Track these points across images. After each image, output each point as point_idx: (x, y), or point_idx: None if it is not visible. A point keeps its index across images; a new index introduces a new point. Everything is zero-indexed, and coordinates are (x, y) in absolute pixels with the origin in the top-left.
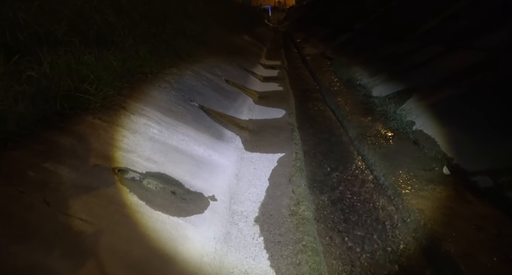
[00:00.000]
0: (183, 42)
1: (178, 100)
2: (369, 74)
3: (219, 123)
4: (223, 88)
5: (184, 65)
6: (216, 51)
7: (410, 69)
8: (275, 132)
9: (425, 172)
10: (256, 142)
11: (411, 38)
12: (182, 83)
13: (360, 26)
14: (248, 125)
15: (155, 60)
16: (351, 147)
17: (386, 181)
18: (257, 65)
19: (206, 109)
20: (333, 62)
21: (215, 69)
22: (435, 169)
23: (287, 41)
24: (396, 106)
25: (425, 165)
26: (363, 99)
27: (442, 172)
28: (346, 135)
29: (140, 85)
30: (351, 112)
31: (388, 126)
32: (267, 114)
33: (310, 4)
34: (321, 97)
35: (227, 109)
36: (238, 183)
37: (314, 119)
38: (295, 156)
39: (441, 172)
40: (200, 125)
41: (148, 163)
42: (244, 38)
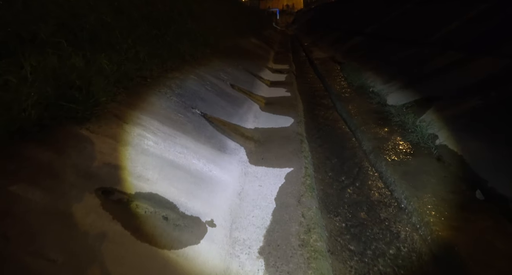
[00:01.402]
0: (187, 44)
1: (179, 107)
2: (383, 81)
3: (221, 133)
4: (227, 94)
5: (188, 68)
6: (222, 54)
7: (428, 76)
8: (282, 143)
9: (455, 196)
10: (262, 154)
11: (427, 43)
12: (184, 88)
13: (371, 30)
14: (254, 134)
15: (156, 63)
16: (366, 162)
17: (410, 205)
18: (264, 69)
19: (208, 117)
20: (343, 67)
21: (220, 73)
22: (466, 193)
23: (295, 45)
24: (414, 117)
25: (454, 187)
26: (377, 107)
27: (474, 196)
28: (360, 147)
29: (137, 90)
30: (364, 122)
31: (407, 139)
32: (274, 123)
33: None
34: (331, 104)
35: (231, 116)
36: (241, 204)
37: (324, 128)
38: (305, 172)
39: (474, 196)
40: (200, 135)
41: (138, 182)
42: (251, 41)
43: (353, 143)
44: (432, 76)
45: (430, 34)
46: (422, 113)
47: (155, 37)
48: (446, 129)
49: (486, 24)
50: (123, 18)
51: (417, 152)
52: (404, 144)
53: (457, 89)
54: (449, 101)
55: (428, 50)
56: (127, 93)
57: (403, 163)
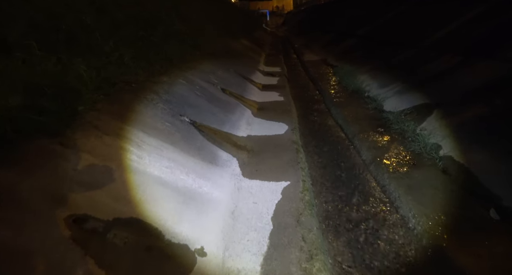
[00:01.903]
0: (175, 46)
1: (166, 115)
2: (379, 85)
3: (212, 143)
4: (218, 99)
5: (176, 72)
6: (212, 56)
7: (426, 81)
8: (277, 152)
9: (467, 215)
10: (256, 166)
11: (423, 46)
12: (172, 94)
13: (364, 31)
14: (247, 143)
15: (142, 67)
16: (366, 173)
17: (419, 225)
18: (255, 72)
19: (198, 125)
20: (337, 70)
21: (210, 76)
22: (479, 211)
23: (286, 46)
24: (415, 124)
25: (464, 204)
26: (374, 113)
27: (488, 215)
28: (358, 157)
29: (120, 97)
30: (362, 130)
31: (409, 148)
32: (268, 130)
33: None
34: (326, 110)
35: (222, 124)
36: (235, 225)
37: (320, 136)
38: (303, 186)
39: (487, 215)
40: (190, 147)
41: (118, 205)
42: (242, 42)
43: (351, 152)
44: (431, 81)
45: (426, 37)
46: (422, 121)
47: (140, 38)
48: (450, 139)
49: (486, 26)
50: (105, 18)
51: (421, 163)
52: (405, 154)
53: (458, 95)
54: (450, 108)
55: (425, 53)
56: (108, 101)
57: (407, 176)
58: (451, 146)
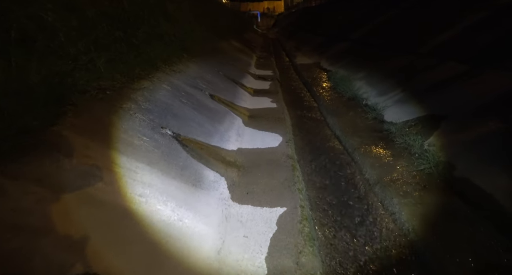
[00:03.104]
0: (160, 48)
1: (144, 128)
2: (378, 92)
3: (198, 160)
4: (206, 106)
5: (160, 76)
6: (200, 59)
7: (429, 90)
8: (271, 170)
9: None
10: (247, 187)
11: (421, 52)
12: (153, 102)
13: (358, 35)
14: (237, 158)
15: (120, 71)
16: (372, 196)
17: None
18: (246, 76)
19: (182, 138)
20: (331, 75)
21: (198, 81)
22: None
23: (277, 49)
24: (421, 139)
25: (493, 241)
26: (375, 124)
27: None
28: (361, 175)
29: (91, 107)
30: (362, 143)
31: (417, 167)
32: (260, 141)
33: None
34: (321, 118)
35: (210, 136)
36: (221, 270)
37: (316, 149)
38: (301, 214)
39: None
40: (170, 167)
41: (69, 255)
42: (232, 44)
43: (353, 169)
44: (435, 90)
45: (424, 42)
46: (429, 135)
47: (118, 40)
48: (464, 157)
49: (493, 33)
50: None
51: (433, 185)
52: (414, 174)
53: (467, 107)
54: (460, 122)
55: (424, 59)
56: (75, 112)
57: (420, 202)
58: (466, 166)
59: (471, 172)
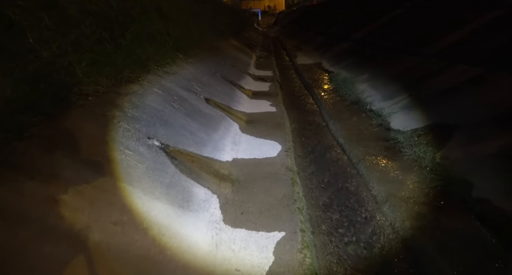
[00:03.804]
0: (152, 48)
1: (128, 139)
2: (382, 97)
3: (187, 175)
4: (200, 112)
5: (151, 79)
6: (197, 60)
7: (439, 95)
8: (268, 184)
9: None
10: (242, 206)
11: (428, 54)
12: (141, 108)
13: (360, 35)
14: (232, 171)
15: (106, 74)
16: (380, 217)
17: None
18: (245, 77)
19: (170, 150)
20: (333, 76)
21: (192, 83)
22: None
23: (277, 48)
24: (432, 151)
25: None
26: (380, 132)
27: None
28: (367, 191)
29: (68, 115)
30: (368, 153)
31: (429, 183)
32: (258, 151)
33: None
34: (323, 123)
35: (203, 146)
36: None
37: (318, 159)
38: (301, 241)
39: None
40: (155, 185)
41: None
42: (231, 43)
43: (358, 184)
44: (445, 96)
45: (430, 43)
46: (441, 146)
47: (104, 40)
48: (484, 175)
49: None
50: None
51: (448, 206)
52: (427, 192)
53: (482, 115)
54: (476, 132)
55: (432, 62)
56: (47, 123)
57: (436, 226)
58: (486, 185)
59: (492, 192)
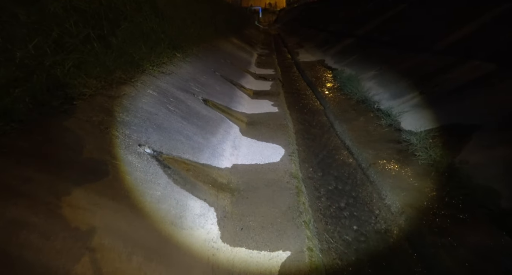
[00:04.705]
0: (147, 47)
1: (116, 147)
2: (391, 95)
3: (181, 186)
4: (198, 114)
5: (145, 80)
6: (195, 59)
7: (452, 93)
8: (271, 194)
9: None
10: (242, 220)
11: (436, 49)
12: (133, 112)
13: (364, 31)
14: (231, 179)
15: (96, 76)
16: (397, 231)
17: None
18: (246, 76)
19: (163, 158)
20: (337, 74)
21: (190, 84)
22: None
23: (279, 45)
24: (449, 154)
25: None
26: (390, 133)
27: None
28: (380, 200)
29: (47, 123)
30: (378, 156)
31: (450, 192)
32: (259, 156)
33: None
34: (328, 124)
35: (199, 152)
36: None
37: (324, 164)
38: (309, 262)
39: None
40: (144, 200)
41: None
42: (232, 41)
43: (369, 192)
44: (459, 94)
45: (438, 38)
46: (459, 149)
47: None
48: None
49: None
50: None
51: (474, 219)
52: (447, 202)
53: (502, 115)
54: (496, 134)
55: (440, 58)
56: (21, 132)
57: (461, 244)
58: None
59: None
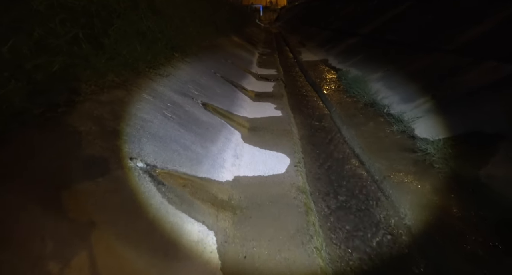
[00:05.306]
0: (142, 47)
1: (103, 163)
2: (401, 98)
3: (177, 206)
4: (197, 120)
5: (140, 83)
6: (194, 59)
7: (469, 97)
8: (277, 212)
9: None
10: (245, 245)
11: (448, 49)
12: (125, 120)
13: (369, 30)
14: (233, 194)
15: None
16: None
17: None
18: (247, 76)
19: (158, 173)
20: (342, 74)
21: (189, 86)
22: None
23: (280, 44)
24: (473, 167)
25: None
26: (403, 140)
27: None
28: (398, 219)
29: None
30: (393, 168)
31: (478, 212)
32: (263, 165)
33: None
34: (334, 129)
35: (198, 164)
36: None
37: (333, 175)
38: None
39: None
40: (133, 227)
41: None
42: (233, 40)
43: (385, 208)
44: (477, 98)
45: (451, 38)
46: (484, 161)
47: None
48: None
49: None
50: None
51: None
52: (477, 224)
53: None
54: None
55: (453, 58)
56: None
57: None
58: None
59: None
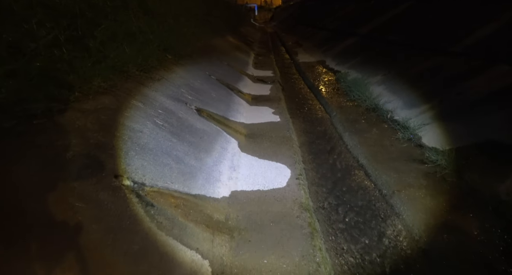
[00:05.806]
0: (132, 50)
1: (84, 182)
2: (405, 103)
3: (167, 232)
4: (191, 127)
5: (129, 88)
6: (188, 61)
7: (481, 103)
8: (279, 235)
9: None
10: None
11: (454, 51)
12: (111, 131)
13: (368, 30)
14: (229, 213)
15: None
16: None
17: None
18: (243, 78)
19: (146, 193)
20: (340, 77)
21: (182, 90)
22: None
23: (276, 44)
24: (491, 181)
25: None
26: (411, 149)
27: None
28: (414, 241)
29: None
30: (402, 181)
31: (499, 233)
32: (262, 178)
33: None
34: (336, 135)
35: (191, 178)
36: None
37: (337, 189)
38: None
39: None
40: (114, 261)
41: None
42: (228, 40)
43: (397, 229)
44: (490, 105)
45: (457, 39)
46: (503, 174)
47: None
48: None
49: None
50: None
51: None
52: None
53: None
54: None
55: (460, 61)
56: None
57: None
58: None
59: None
